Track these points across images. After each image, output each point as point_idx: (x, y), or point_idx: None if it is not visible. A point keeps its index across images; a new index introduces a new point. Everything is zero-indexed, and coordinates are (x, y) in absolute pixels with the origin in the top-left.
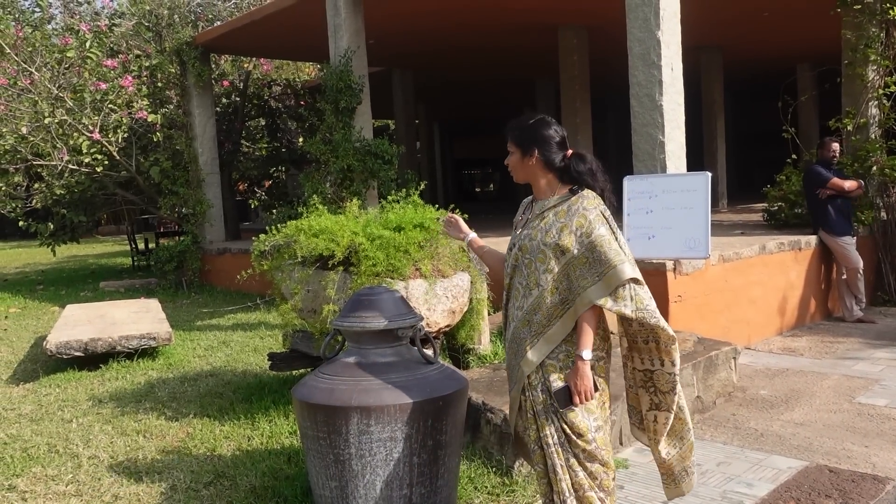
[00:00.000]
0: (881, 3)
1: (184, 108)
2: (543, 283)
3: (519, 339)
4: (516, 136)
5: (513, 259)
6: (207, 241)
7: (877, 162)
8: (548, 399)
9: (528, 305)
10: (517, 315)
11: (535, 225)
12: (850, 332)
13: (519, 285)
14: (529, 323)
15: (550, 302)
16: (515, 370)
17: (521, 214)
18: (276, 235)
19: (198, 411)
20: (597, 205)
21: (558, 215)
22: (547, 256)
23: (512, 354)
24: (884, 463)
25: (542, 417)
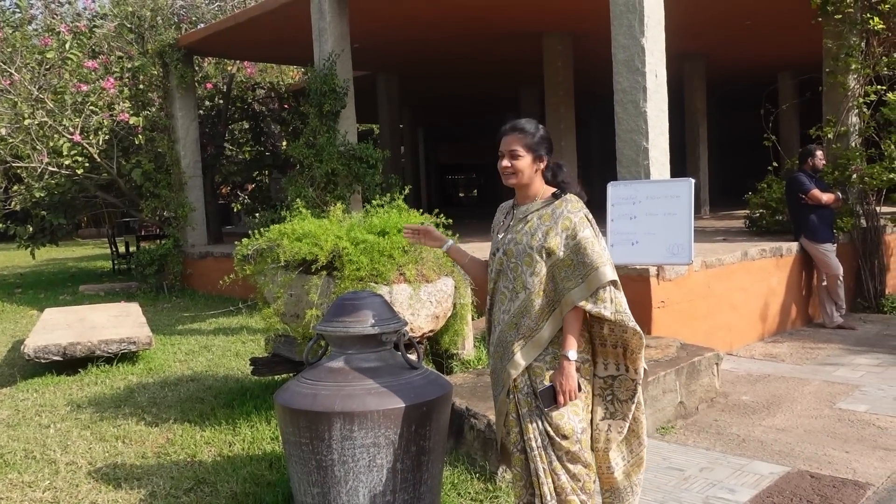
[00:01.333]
0: (861, 14)
1: (166, 110)
2: (530, 286)
3: (505, 343)
4: (530, 142)
5: (497, 264)
6: (189, 245)
7: (857, 170)
8: (533, 401)
9: (515, 309)
10: (503, 319)
11: (520, 229)
12: (830, 339)
13: (504, 289)
14: (517, 326)
15: (538, 305)
16: (501, 374)
17: (503, 219)
18: (259, 239)
19: (178, 417)
20: (580, 207)
21: (543, 219)
22: (533, 259)
23: (497, 358)
24: (864, 468)
25: (526, 420)
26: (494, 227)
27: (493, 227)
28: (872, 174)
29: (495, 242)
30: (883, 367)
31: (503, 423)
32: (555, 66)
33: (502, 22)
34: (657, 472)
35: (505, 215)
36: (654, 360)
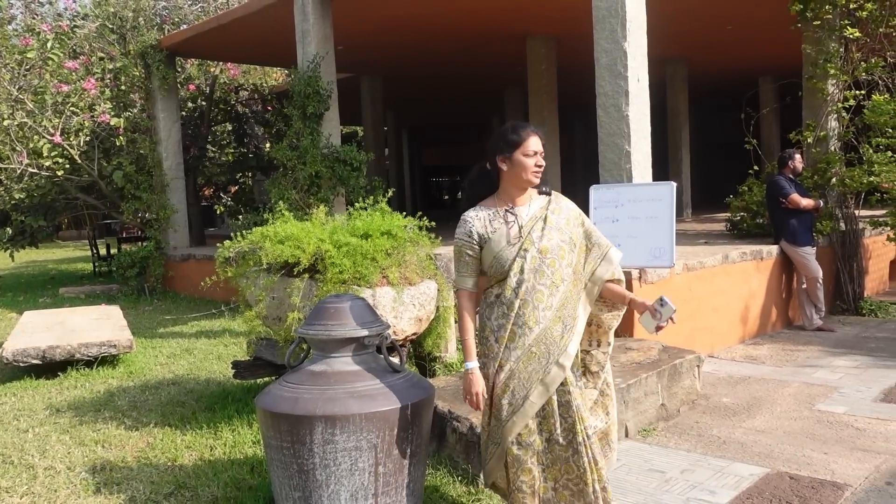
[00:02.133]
0: (840, 20)
1: (148, 111)
2: (567, 276)
3: (551, 339)
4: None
5: (532, 263)
6: (171, 247)
7: (836, 174)
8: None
9: (557, 302)
10: (545, 316)
11: (542, 226)
12: (810, 341)
13: (542, 287)
14: (562, 319)
15: (574, 294)
16: (535, 375)
17: (489, 226)
18: (241, 242)
19: (159, 420)
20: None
21: (556, 213)
22: (564, 251)
23: (537, 358)
24: (842, 469)
25: (582, 411)
26: (482, 235)
27: (479, 235)
28: (852, 177)
29: (511, 245)
30: (861, 369)
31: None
32: (538, 69)
33: (486, 25)
34: (638, 475)
35: (489, 222)
36: (636, 363)
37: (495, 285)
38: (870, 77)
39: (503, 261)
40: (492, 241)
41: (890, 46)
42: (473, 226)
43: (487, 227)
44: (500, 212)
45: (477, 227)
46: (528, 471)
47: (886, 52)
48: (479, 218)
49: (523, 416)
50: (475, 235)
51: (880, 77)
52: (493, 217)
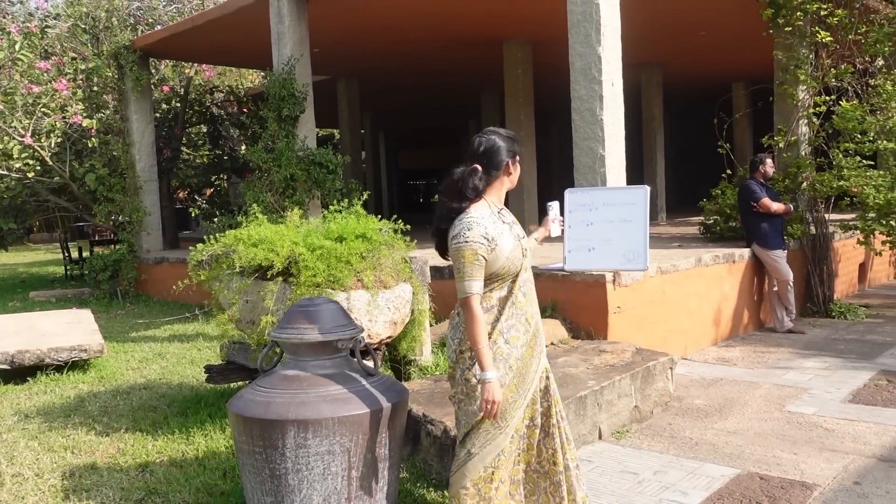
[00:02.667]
0: (811, 27)
1: (121, 113)
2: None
3: (540, 331)
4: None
5: (528, 261)
6: (144, 250)
7: (807, 178)
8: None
9: (534, 295)
10: (536, 310)
11: (520, 229)
12: (780, 343)
13: (530, 283)
14: (537, 306)
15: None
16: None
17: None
18: (215, 245)
19: (130, 426)
20: None
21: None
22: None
23: (532, 352)
24: (811, 469)
25: (556, 394)
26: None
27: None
28: (822, 182)
29: (518, 246)
30: (830, 371)
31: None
32: (514, 73)
33: (463, 29)
34: (612, 476)
35: (492, 224)
36: (610, 365)
37: (497, 288)
38: (839, 83)
39: (516, 261)
40: (501, 243)
41: (859, 53)
42: (486, 228)
43: (496, 229)
44: (495, 212)
45: (489, 228)
46: (512, 461)
47: (855, 58)
48: (486, 219)
49: (524, 407)
50: (489, 237)
51: (849, 83)
52: (494, 219)
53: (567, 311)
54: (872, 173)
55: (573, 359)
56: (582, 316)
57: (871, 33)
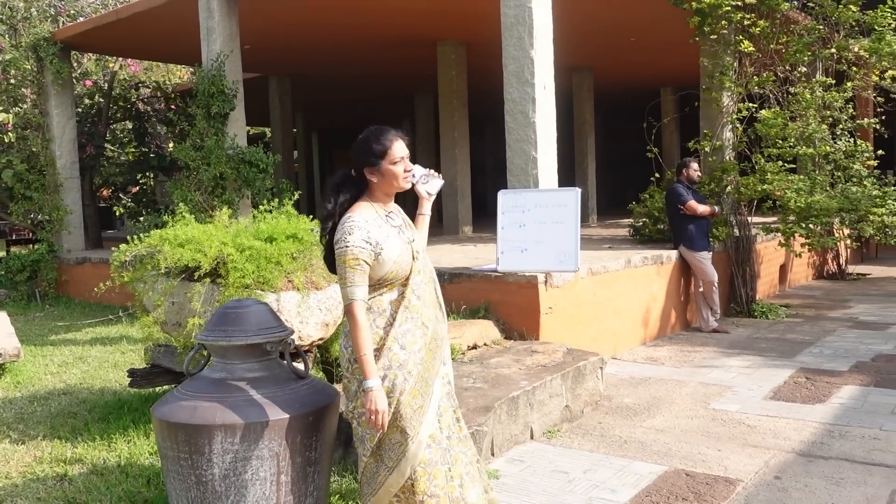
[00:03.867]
0: (735, 36)
1: (40, 107)
2: (434, 275)
3: (440, 335)
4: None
5: (420, 263)
6: (65, 250)
7: (731, 182)
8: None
9: (433, 297)
10: (433, 312)
11: (413, 231)
12: (706, 342)
13: (426, 285)
14: (440, 310)
15: (438, 289)
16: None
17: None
18: (139, 245)
19: (48, 433)
20: None
21: (402, 216)
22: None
23: (433, 357)
24: (735, 465)
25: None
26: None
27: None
28: (746, 185)
29: (406, 249)
30: (753, 369)
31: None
32: (449, 74)
33: (396, 28)
34: (542, 476)
35: (379, 227)
36: (542, 366)
37: (387, 292)
38: (762, 90)
39: (405, 264)
40: (388, 246)
41: (780, 62)
42: (370, 231)
43: (382, 232)
44: (382, 216)
45: (374, 231)
46: (439, 472)
47: (777, 66)
48: (370, 222)
49: (432, 415)
50: (373, 241)
51: (771, 91)
52: (380, 222)
53: (500, 312)
54: (793, 178)
55: (506, 359)
56: (515, 317)
57: (791, 43)
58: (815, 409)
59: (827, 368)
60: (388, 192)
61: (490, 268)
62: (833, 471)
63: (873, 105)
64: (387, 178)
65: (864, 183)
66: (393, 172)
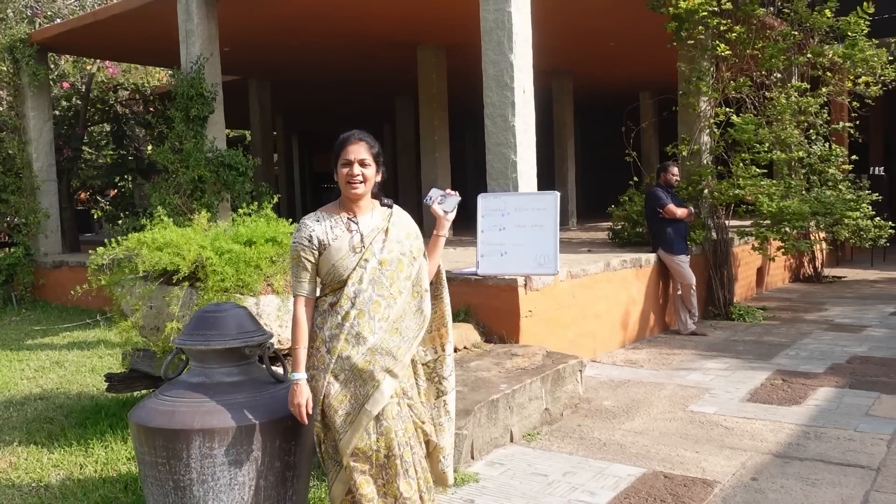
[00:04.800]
0: (712, 41)
1: (16, 109)
2: (405, 289)
3: (385, 350)
4: (375, 152)
5: (371, 273)
6: (42, 254)
7: (708, 186)
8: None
9: (395, 314)
10: (381, 327)
11: (384, 238)
12: (684, 345)
13: (380, 298)
14: (399, 330)
15: (413, 306)
16: (375, 383)
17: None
18: (117, 248)
19: (23, 438)
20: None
21: (397, 226)
22: (403, 264)
23: (370, 370)
24: (712, 467)
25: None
26: (322, 241)
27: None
28: (721, 190)
29: (351, 254)
30: (730, 371)
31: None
32: (429, 78)
33: (376, 32)
34: (522, 479)
35: (330, 228)
36: (521, 368)
37: (330, 294)
38: (738, 95)
39: (342, 269)
40: (332, 248)
41: (756, 67)
42: (314, 230)
43: (328, 234)
44: (343, 219)
45: (317, 232)
46: (367, 483)
47: (753, 72)
48: (319, 223)
49: (359, 427)
50: (315, 240)
51: (747, 95)
52: (334, 224)
53: (480, 315)
54: (766, 182)
55: (485, 363)
56: (494, 320)
57: (767, 48)
58: (791, 411)
59: (803, 370)
60: (347, 196)
61: (470, 271)
62: (809, 472)
63: (848, 110)
64: (340, 181)
65: (839, 187)
66: (340, 174)
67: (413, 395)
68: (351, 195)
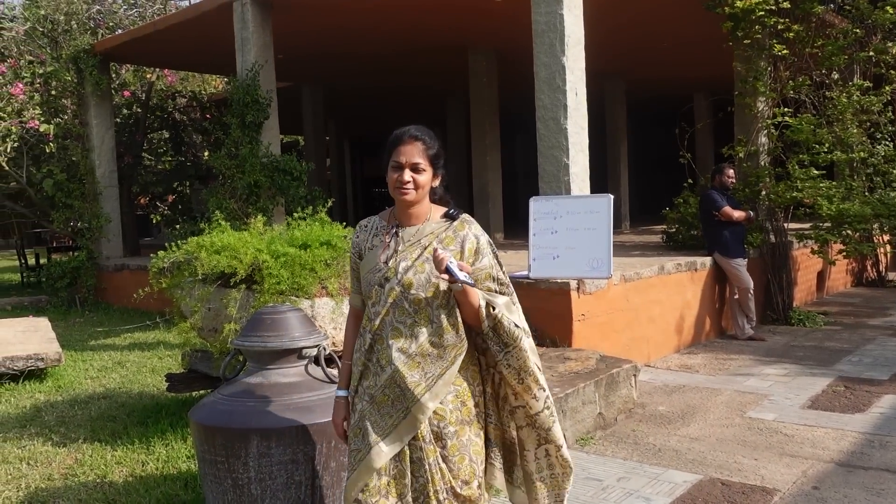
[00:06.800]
0: (769, 40)
1: (80, 118)
2: (437, 319)
3: (404, 385)
4: (432, 154)
5: (390, 295)
6: (104, 257)
7: (765, 188)
8: (436, 448)
9: (418, 347)
10: (398, 358)
11: (418, 255)
12: (741, 350)
13: (400, 325)
14: (421, 366)
15: (449, 340)
16: (387, 419)
17: (372, 240)
18: (177, 252)
19: (88, 436)
20: (482, 230)
21: (445, 242)
22: (439, 290)
23: (387, 403)
24: (771, 475)
25: (433, 469)
26: (361, 248)
27: (359, 248)
28: (778, 192)
29: (377, 270)
30: (790, 377)
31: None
32: (480, 81)
33: (428, 37)
34: (576, 484)
35: (374, 235)
36: (574, 372)
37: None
38: (797, 95)
39: (367, 284)
40: (366, 259)
41: (815, 66)
42: (359, 236)
43: (368, 241)
44: (391, 227)
45: (361, 238)
46: None
47: (812, 71)
48: (367, 228)
49: (367, 468)
50: (356, 247)
51: (807, 95)
52: (382, 231)
53: (532, 318)
54: (825, 184)
55: None
56: (546, 323)
57: (826, 46)
58: (854, 419)
59: (867, 377)
60: (397, 200)
61: (522, 274)
62: (873, 481)
63: None
64: (390, 186)
65: None
66: (389, 177)
67: (429, 445)
68: (400, 203)
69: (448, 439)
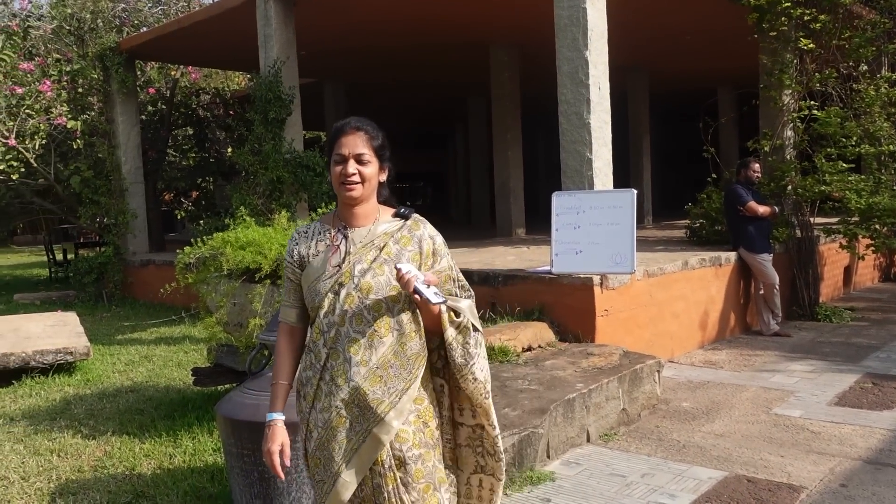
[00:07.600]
0: (795, 32)
1: (106, 115)
2: (400, 326)
3: (365, 404)
4: (377, 145)
5: (347, 302)
6: (130, 253)
7: (791, 182)
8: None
9: (379, 358)
10: (358, 372)
11: (374, 257)
12: (767, 346)
13: (357, 335)
14: (383, 379)
15: (413, 349)
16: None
17: (313, 247)
18: (202, 247)
19: (116, 429)
20: (436, 230)
21: (402, 243)
22: (401, 294)
23: (347, 427)
24: (798, 472)
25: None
26: (303, 256)
27: (301, 256)
28: (805, 186)
29: (328, 276)
30: (817, 374)
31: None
32: (501, 77)
33: (449, 33)
34: (600, 479)
35: (317, 241)
36: (598, 368)
37: (313, 325)
38: (823, 88)
39: (315, 295)
40: (310, 267)
41: (842, 58)
42: (298, 243)
43: (312, 248)
44: (333, 231)
45: (303, 245)
46: None
47: (839, 63)
48: (307, 234)
49: (336, 500)
50: (296, 255)
51: (833, 88)
52: (323, 236)
53: (555, 313)
54: (853, 178)
55: (561, 361)
56: (569, 319)
57: (854, 38)
58: (882, 416)
59: (895, 374)
60: (342, 200)
61: (544, 269)
62: None
63: None
64: (333, 182)
65: None
66: (333, 174)
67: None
68: (346, 199)
69: (411, 463)
